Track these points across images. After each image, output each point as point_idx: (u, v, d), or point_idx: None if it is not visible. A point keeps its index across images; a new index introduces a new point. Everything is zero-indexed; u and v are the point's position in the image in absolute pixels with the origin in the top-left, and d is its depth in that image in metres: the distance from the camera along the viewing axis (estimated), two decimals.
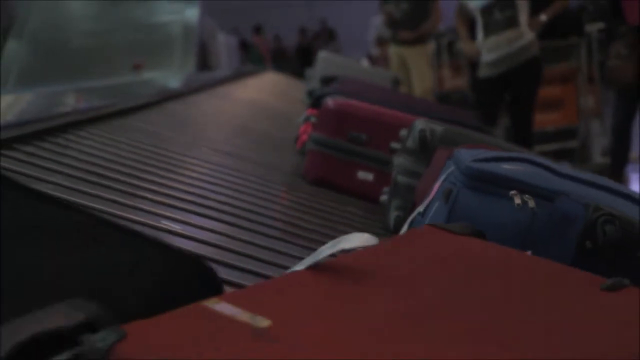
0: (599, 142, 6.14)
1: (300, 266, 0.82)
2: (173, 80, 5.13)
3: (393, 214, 1.82)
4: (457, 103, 6.43)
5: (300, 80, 6.22)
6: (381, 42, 9.75)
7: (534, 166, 1.38)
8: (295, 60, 13.12)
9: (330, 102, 2.39)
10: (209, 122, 3.48)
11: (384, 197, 1.93)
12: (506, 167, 1.29)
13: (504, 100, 5.04)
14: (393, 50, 6.55)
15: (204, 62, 8.35)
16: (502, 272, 0.82)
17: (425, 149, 1.87)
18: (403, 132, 1.94)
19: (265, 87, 5.79)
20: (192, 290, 0.80)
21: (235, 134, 3.25)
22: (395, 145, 2.04)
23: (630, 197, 1.30)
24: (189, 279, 0.82)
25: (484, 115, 4.76)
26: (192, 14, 5.90)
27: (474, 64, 5.28)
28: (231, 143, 2.91)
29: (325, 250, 0.83)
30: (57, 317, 0.69)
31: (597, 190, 1.26)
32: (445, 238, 0.89)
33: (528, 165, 1.36)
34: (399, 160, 1.89)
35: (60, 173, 1.71)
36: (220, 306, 0.70)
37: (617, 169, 4.83)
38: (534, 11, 4.86)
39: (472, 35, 5.08)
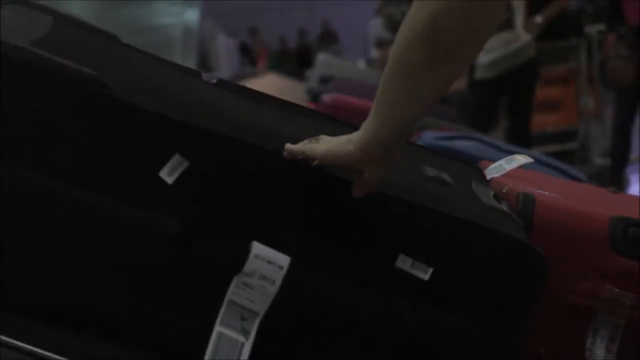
0: (599, 143, 6.13)
1: (492, 174, 1.28)
2: None
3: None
4: (458, 105, 6.43)
5: (300, 81, 6.23)
6: (381, 44, 9.75)
7: (481, 143, 1.86)
8: (295, 61, 13.12)
9: (326, 97, 2.80)
10: None
11: None
12: (458, 143, 1.76)
13: (501, 101, 5.04)
14: None
15: (204, 64, 8.35)
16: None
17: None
18: None
19: (265, 88, 5.77)
20: None
21: None
22: None
23: (559, 169, 1.84)
24: None
25: (482, 117, 4.76)
26: (192, 16, 5.90)
27: (472, 66, 5.28)
28: None
29: (506, 165, 1.29)
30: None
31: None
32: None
33: (476, 142, 1.84)
34: None
35: None
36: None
37: (617, 170, 4.83)
38: (533, 13, 4.86)
39: None
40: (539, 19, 4.87)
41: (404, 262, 1.01)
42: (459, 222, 1.04)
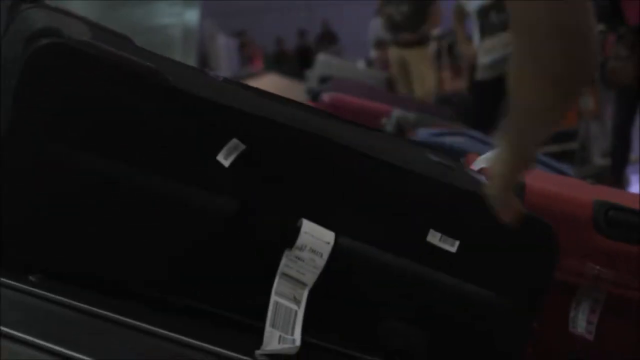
0: (599, 144, 6.13)
1: (480, 165, 1.38)
2: None
3: None
4: (458, 105, 6.43)
5: (299, 81, 6.24)
6: (380, 44, 9.75)
7: (470, 138, 2.13)
8: (294, 62, 13.11)
9: (325, 96, 2.98)
10: None
11: None
12: (449, 139, 2.01)
13: (502, 102, 5.03)
14: (393, 53, 6.55)
15: (204, 64, 8.35)
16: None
17: (400, 132, 2.45)
18: (384, 120, 2.63)
19: (266, 88, 5.77)
20: None
21: None
22: None
23: (545, 164, 2.07)
24: None
25: (482, 118, 4.76)
26: (192, 16, 5.90)
27: (473, 67, 5.28)
28: None
29: (491, 156, 1.30)
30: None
31: None
32: None
33: (466, 138, 2.11)
34: None
35: None
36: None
37: (617, 170, 4.83)
38: None
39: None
40: None
41: (433, 237, 1.15)
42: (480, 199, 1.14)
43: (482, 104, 4.97)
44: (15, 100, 1.06)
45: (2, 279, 1.01)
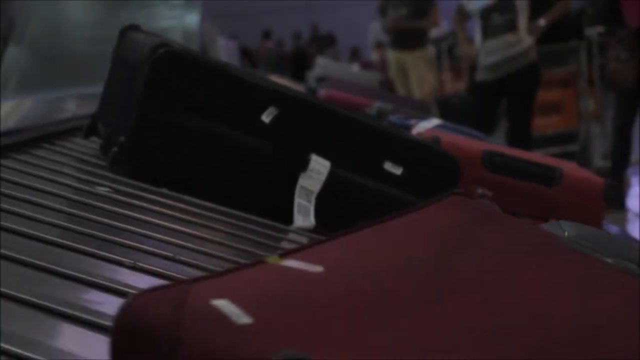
0: (600, 145, 6.13)
1: (418, 130, 2.29)
2: None
3: None
4: (458, 106, 6.42)
5: (297, 82, 6.27)
6: (380, 46, 9.76)
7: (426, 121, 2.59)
8: (291, 63, 13.10)
9: (322, 92, 3.72)
10: None
11: None
12: (412, 121, 2.50)
13: (501, 103, 5.03)
14: (392, 55, 6.55)
15: None
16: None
17: (380, 119, 3.00)
18: (368, 110, 3.32)
19: None
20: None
21: None
22: None
23: (473, 135, 2.55)
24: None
25: (482, 119, 4.75)
26: (192, 19, 5.90)
27: (474, 67, 5.27)
28: None
29: (427, 124, 2.38)
30: None
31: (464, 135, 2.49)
32: None
33: (423, 120, 2.59)
34: None
35: (60, 183, 1.70)
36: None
37: (618, 172, 4.83)
38: (534, 15, 4.84)
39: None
40: (542, 22, 4.85)
41: (387, 165, 1.86)
42: (417, 143, 1.92)
43: (482, 105, 4.96)
44: (147, 88, 1.71)
45: (142, 185, 1.70)
